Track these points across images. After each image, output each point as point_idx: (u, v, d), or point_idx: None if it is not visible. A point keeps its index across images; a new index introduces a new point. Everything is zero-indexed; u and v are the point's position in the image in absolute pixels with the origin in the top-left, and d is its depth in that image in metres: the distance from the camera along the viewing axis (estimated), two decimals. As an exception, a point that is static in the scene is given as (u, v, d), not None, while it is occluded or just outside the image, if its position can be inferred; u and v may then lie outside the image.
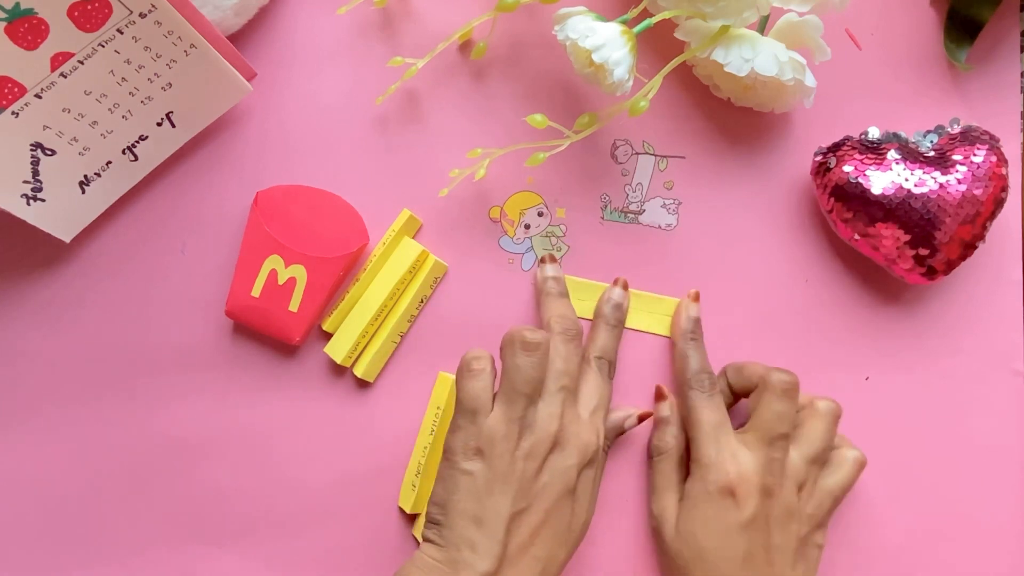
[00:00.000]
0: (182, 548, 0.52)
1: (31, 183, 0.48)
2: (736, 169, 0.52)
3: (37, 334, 0.53)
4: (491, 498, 0.42)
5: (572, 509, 0.44)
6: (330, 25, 0.53)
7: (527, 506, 0.42)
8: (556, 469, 0.43)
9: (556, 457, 0.44)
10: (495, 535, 0.41)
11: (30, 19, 0.42)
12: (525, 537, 0.42)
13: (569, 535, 0.44)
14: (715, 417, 0.47)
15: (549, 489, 0.43)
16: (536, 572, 0.42)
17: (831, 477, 0.47)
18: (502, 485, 0.42)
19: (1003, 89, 0.52)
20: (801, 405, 0.48)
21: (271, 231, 0.51)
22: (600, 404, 0.47)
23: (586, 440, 0.45)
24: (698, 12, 0.45)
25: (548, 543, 0.43)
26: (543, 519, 0.43)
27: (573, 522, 0.44)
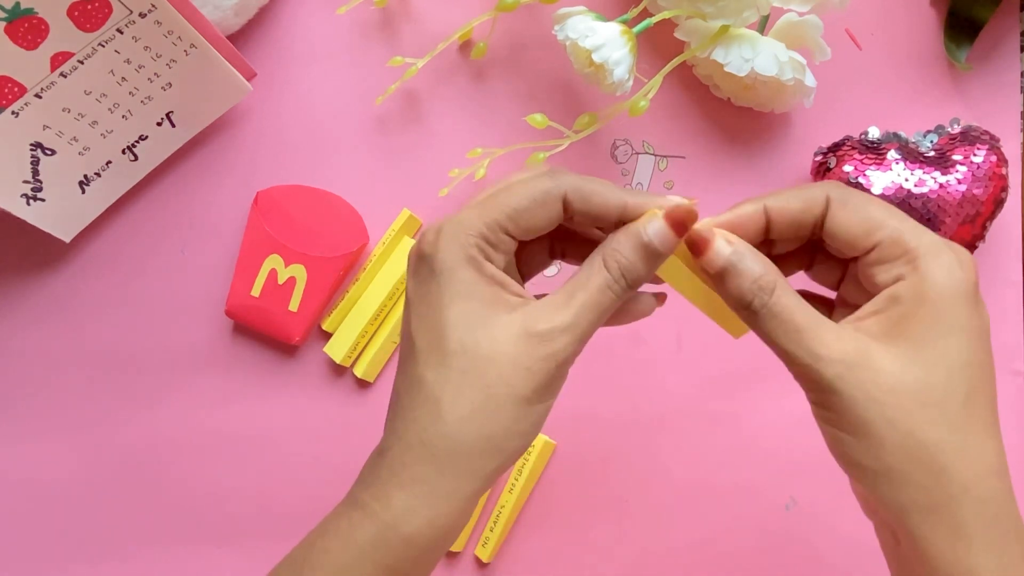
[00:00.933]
0: (182, 548, 0.52)
1: (31, 183, 0.48)
2: (736, 169, 0.52)
3: (37, 334, 0.53)
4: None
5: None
6: (330, 25, 0.53)
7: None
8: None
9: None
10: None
11: (30, 19, 0.42)
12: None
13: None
14: (882, 201, 0.32)
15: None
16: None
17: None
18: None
19: (1003, 89, 0.52)
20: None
21: (271, 231, 0.51)
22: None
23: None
24: (698, 12, 0.45)
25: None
26: None
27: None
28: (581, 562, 0.51)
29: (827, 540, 0.50)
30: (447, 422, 0.31)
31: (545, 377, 0.31)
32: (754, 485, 0.51)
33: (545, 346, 0.31)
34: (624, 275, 0.32)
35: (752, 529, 0.51)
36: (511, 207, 0.32)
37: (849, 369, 0.30)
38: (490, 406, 0.31)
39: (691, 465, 0.52)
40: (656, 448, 0.52)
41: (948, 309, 0.30)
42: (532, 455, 0.51)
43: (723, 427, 0.52)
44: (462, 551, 0.52)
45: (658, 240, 0.32)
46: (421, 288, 0.32)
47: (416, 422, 0.31)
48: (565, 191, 0.32)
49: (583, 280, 0.32)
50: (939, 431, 0.30)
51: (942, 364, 0.30)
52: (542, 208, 0.32)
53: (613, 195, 0.32)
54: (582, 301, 0.31)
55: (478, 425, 0.31)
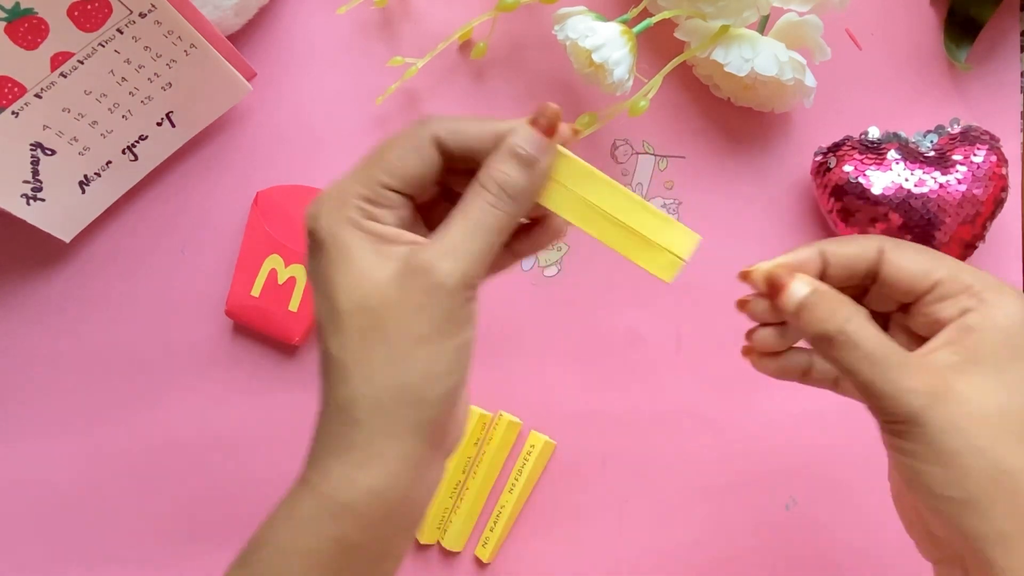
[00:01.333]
0: (182, 548, 0.52)
1: (31, 183, 0.48)
2: (736, 169, 0.52)
3: (37, 334, 0.53)
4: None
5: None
6: (330, 25, 0.53)
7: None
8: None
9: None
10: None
11: (30, 19, 0.42)
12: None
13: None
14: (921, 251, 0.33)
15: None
16: None
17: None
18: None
19: (1003, 89, 0.52)
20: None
21: (271, 231, 0.51)
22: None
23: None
24: (698, 12, 0.45)
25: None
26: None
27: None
28: (581, 562, 0.51)
29: (827, 540, 0.50)
30: (356, 383, 0.30)
31: (440, 309, 0.30)
32: (754, 485, 0.51)
33: (428, 276, 0.29)
34: (503, 188, 0.31)
35: (752, 529, 0.51)
36: (385, 161, 0.31)
37: (935, 399, 0.29)
38: (395, 355, 0.29)
39: (691, 465, 0.52)
40: (656, 448, 0.52)
41: (1019, 337, 0.30)
42: (532, 455, 0.51)
43: (723, 427, 0.52)
44: (462, 551, 0.52)
45: (529, 145, 0.31)
46: (311, 264, 0.32)
47: (332, 391, 0.30)
48: (435, 131, 0.31)
49: (460, 206, 0.31)
50: (1021, 453, 0.30)
51: (1021, 391, 0.30)
52: (416, 154, 0.31)
53: (484, 125, 0.32)
54: (460, 225, 0.30)
55: (389, 376, 0.29)
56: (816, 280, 0.32)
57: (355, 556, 0.31)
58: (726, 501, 0.51)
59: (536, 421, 0.52)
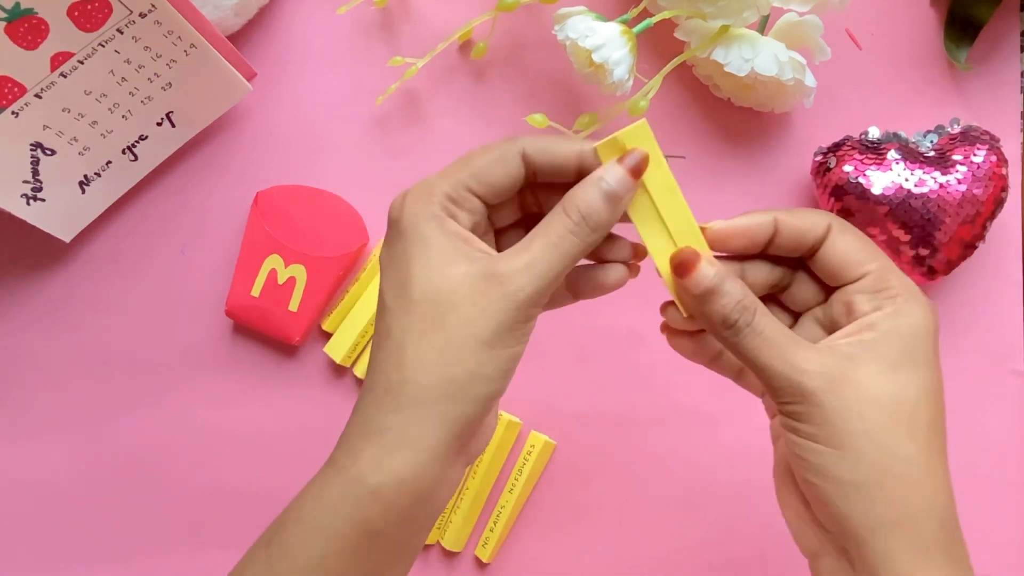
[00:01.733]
0: (182, 548, 0.52)
1: (31, 183, 0.48)
2: (736, 169, 0.52)
3: (37, 334, 0.53)
4: None
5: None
6: (330, 25, 0.53)
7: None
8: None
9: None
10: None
11: (30, 19, 0.42)
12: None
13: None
14: (854, 231, 0.34)
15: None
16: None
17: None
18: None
19: (1003, 89, 0.52)
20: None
21: (271, 231, 0.51)
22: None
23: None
24: (698, 12, 0.45)
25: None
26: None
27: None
28: (581, 562, 0.51)
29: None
30: (410, 367, 0.31)
31: (505, 318, 0.31)
32: (754, 485, 0.51)
33: (503, 286, 0.31)
34: (586, 218, 0.32)
35: (752, 529, 0.51)
36: (473, 166, 0.33)
37: (831, 382, 0.31)
38: (452, 349, 0.31)
39: (691, 465, 0.52)
40: (656, 448, 0.52)
41: (919, 344, 0.32)
42: (532, 455, 0.51)
43: (723, 427, 0.52)
44: (462, 551, 0.52)
45: (617, 184, 0.33)
46: (390, 250, 0.33)
47: (382, 372, 0.31)
48: (523, 146, 0.33)
49: (542, 227, 0.33)
50: (912, 447, 0.31)
51: (913, 387, 0.32)
52: (502, 164, 0.33)
53: (569, 144, 0.33)
54: (541, 244, 0.32)
55: (441, 368, 0.31)
56: (721, 265, 0.34)
57: (376, 543, 0.31)
58: (726, 501, 0.51)
59: (536, 421, 0.52)
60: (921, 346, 0.32)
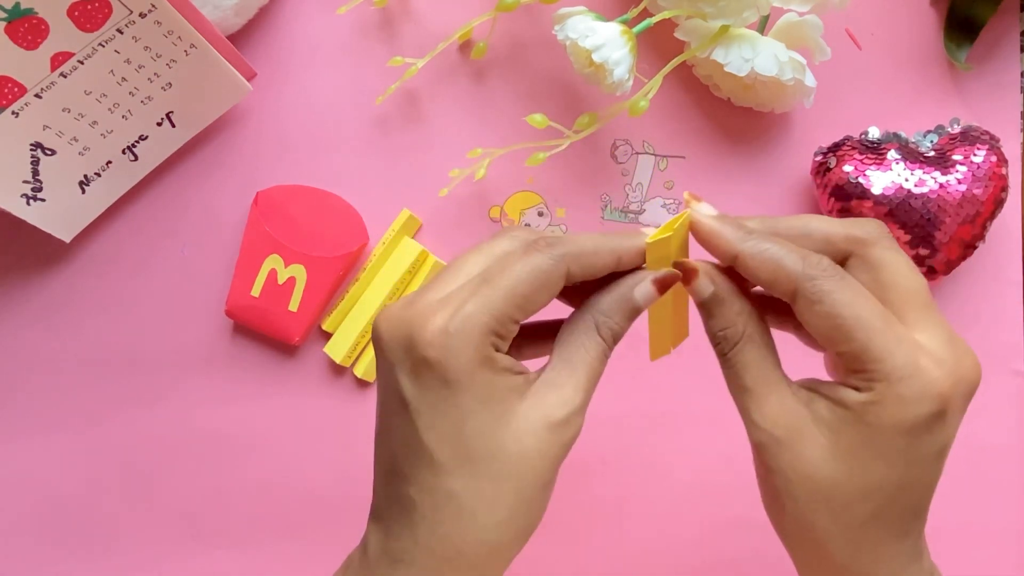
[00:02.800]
0: (181, 548, 0.52)
1: (31, 183, 0.48)
2: (736, 169, 0.52)
3: (37, 334, 0.53)
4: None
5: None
6: (330, 25, 0.53)
7: None
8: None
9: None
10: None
11: (30, 19, 0.42)
12: None
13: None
14: (866, 300, 0.30)
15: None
16: None
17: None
18: None
19: (1003, 89, 0.52)
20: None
21: (271, 231, 0.51)
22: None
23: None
24: (698, 12, 0.45)
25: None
26: None
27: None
28: (581, 562, 0.51)
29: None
30: (486, 529, 0.30)
31: (563, 458, 0.32)
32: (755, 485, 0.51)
33: (565, 432, 0.31)
34: (615, 339, 0.33)
35: (753, 529, 0.51)
36: (518, 295, 0.30)
37: (773, 443, 0.31)
38: (523, 504, 0.31)
39: (691, 465, 0.52)
40: (656, 448, 0.52)
41: (886, 439, 0.30)
42: None
43: (723, 427, 0.52)
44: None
45: (644, 302, 0.33)
46: (430, 394, 0.30)
47: (450, 536, 0.30)
48: (569, 268, 0.31)
49: (580, 352, 0.32)
50: (833, 525, 0.31)
51: (860, 479, 0.30)
52: (546, 289, 0.31)
53: (608, 252, 0.32)
54: (586, 376, 0.32)
55: (515, 525, 0.31)
56: (723, 282, 0.33)
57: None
58: (726, 501, 0.51)
59: (536, 421, 0.52)
60: (889, 442, 0.29)
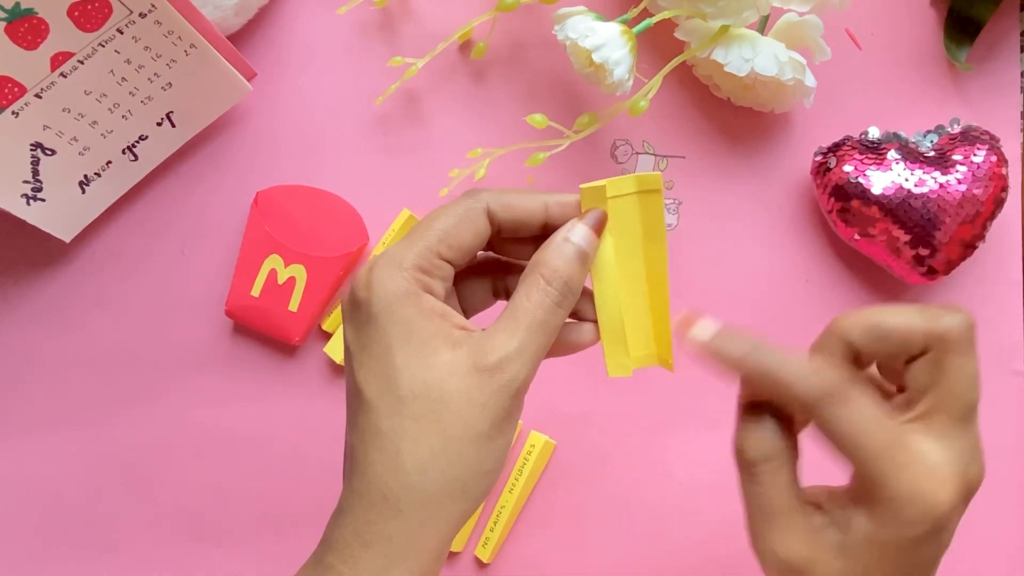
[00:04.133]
0: (181, 548, 0.52)
1: (31, 183, 0.48)
2: (736, 169, 0.52)
3: (37, 334, 0.53)
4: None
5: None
6: (330, 25, 0.53)
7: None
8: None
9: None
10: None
11: (30, 19, 0.42)
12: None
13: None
14: (870, 423, 0.31)
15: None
16: None
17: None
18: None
19: (1003, 89, 0.52)
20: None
21: (271, 231, 0.51)
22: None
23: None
24: (698, 12, 0.45)
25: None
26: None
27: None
28: (581, 562, 0.51)
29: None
30: (408, 471, 0.29)
31: (501, 410, 0.30)
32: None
33: (497, 377, 0.30)
34: (569, 286, 0.32)
35: (752, 529, 0.51)
36: (439, 229, 0.31)
37: (787, 571, 0.34)
38: (451, 449, 0.29)
39: (691, 465, 0.52)
40: (656, 448, 0.52)
41: (892, 555, 0.31)
42: (532, 455, 0.51)
43: (723, 427, 0.52)
44: (462, 551, 0.52)
45: (584, 241, 0.32)
46: (361, 334, 0.31)
47: (377, 476, 0.30)
48: (487, 203, 0.32)
49: (523, 300, 0.31)
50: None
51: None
52: (469, 224, 0.32)
53: (533, 198, 0.33)
54: (527, 323, 0.31)
55: (441, 470, 0.29)
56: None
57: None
58: (726, 501, 0.51)
59: (536, 421, 0.52)
60: (897, 556, 0.31)
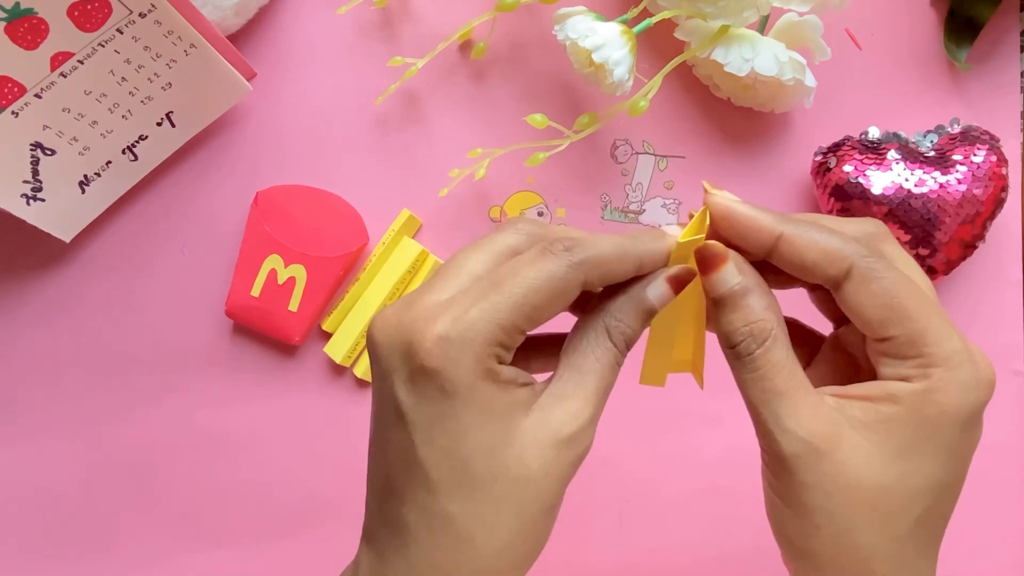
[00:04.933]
0: (181, 548, 0.52)
1: (31, 183, 0.48)
2: (736, 169, 0.52)
3: (37, 334, 0.53)
4: None
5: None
6: (330, 25, 0.53)
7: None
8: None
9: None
10: None
11: (30, 19, 0.42)
12: None
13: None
14: (916, 285, 0.29)
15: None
16: None
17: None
18: None
19: (1003, 89, 0.52)
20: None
21: (271, 231, 0.51)
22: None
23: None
24: (698, 12, 0.45)
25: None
26: None
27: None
28: (581, 562, 0.51)
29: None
30: (486, 557, 0.27)
31: (570, 478, 0.29)
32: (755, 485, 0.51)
33: (574, 449, 0.28)
34: (628, 345, 0.30)
35: (753, 529, 0.51)
36: (529, 304, 0.27)
37: (811, 452, 0.28)
38: (526, 528, 0.28)
39: (691, 465, 0.52)
40: (656, 448, 0.52)
41: (945, 431, 0.27)
42: None
43: (724, 427, 0.52)
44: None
45: (659, 303, 0.30)
46: (429, 408, 0.27)
47: (446, 564, 0.28)
48: (586, 275, 0.28)
49: (590, 360, 0.29)
50: (879, 538, 0.28)
51: (913, 480, 0.28)
52: (561, 299, 0.28)
53: (632, 259, 0.29)
54: (596, 386, 0.29)
55: (516, 551, 0.28)
56: (753, 274, 0.29)
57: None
58: (727, 501, 0.51)
59: (536, 421, 0.52)
60: (948, 434, 0.27)
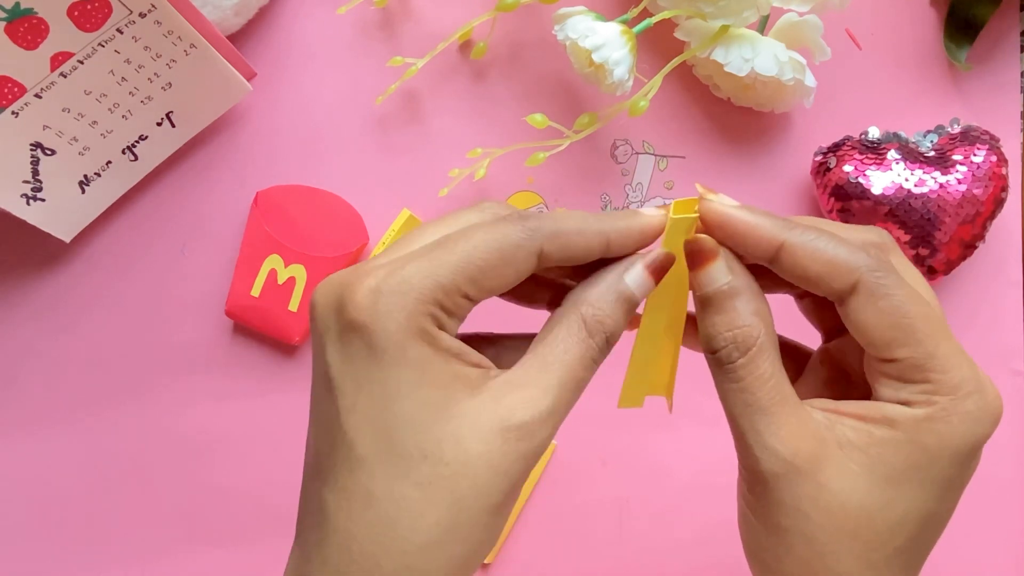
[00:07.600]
0: (181, 548, 0.52)
1: (31, 183, 0.48)
2: (736, 169, 0.52)
3: (37, 334, 0.53)
4: None
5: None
6: (330, 25, 0.53)
7: None
8: None
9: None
10: None
11: (30, 19, 0.42)
12: None
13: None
14: (926, 304, 0.27)
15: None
16: None
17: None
18: None
19: (1003, 89, 0.52)
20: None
21: (271, 231, 0.51)
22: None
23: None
24: (698, 12, 0.45)
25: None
26: None
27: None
28: (581, 562, 0.51)
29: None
30: (407, 551, 0.24)
31: (520, 477, 0.25)
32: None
33: (525, 442, 0.24)
34: (610, 338, 0.27)
35: (752, 529, 0.51)
36: (473, 265, 0.24)
37: (791, 472, 0.25)
38: (460, 525, 0.24)
39: (691, 465, 0.52)
40: (656, 448, 0.52)
41: (942, 463, 0.25)
42: None
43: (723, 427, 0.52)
44: (462, 551, 0.52)
45: (639, 291, 0.27)
46: (355, 367, 0.24)
47: (364, 554, 0.24)
48: (543, 246, 0.25)
49: (559, 348, 0.26)
50: (855, 565, 0.26)
51: (899, 508, 0.26)
52: (513, 268, 0.25)
53: (593, 233, 0.26)
54: (560, 378, 0.26)
55: (446, 550, 0.24)
56: (743, 274, 0.27)
57: None
58: (726, 501, 0.51)
59: (536, 421, 0.52)
60: (944, 466, 0.25)
